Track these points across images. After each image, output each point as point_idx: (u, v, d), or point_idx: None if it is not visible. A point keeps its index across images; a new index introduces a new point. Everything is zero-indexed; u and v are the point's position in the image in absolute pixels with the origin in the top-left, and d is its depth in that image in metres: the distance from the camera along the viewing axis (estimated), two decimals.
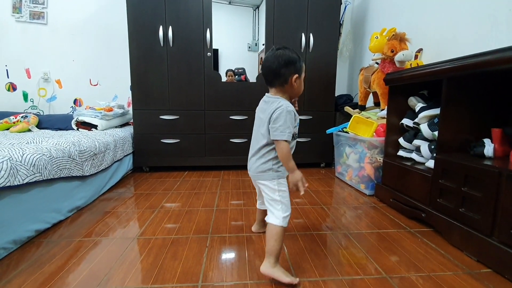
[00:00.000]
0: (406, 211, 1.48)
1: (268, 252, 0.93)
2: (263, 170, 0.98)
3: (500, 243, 0.98)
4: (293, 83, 0.96)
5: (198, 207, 1.57)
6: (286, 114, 0.91)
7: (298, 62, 0.96)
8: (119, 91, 2.76)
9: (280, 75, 0.96)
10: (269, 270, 0.92)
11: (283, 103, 0.94)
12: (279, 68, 0.95)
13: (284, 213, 0.95)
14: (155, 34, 2.19)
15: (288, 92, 1.00)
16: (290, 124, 0.91)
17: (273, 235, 0.93)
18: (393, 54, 1.70)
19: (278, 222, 0.93)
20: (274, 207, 0.96)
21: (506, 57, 0.96)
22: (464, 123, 1.29)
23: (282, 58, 0.94)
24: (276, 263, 0.92)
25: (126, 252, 1.09)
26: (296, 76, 0.96)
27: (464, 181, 1.13)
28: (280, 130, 0.91)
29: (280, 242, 0.93)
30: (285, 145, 0.91)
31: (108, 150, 1.87)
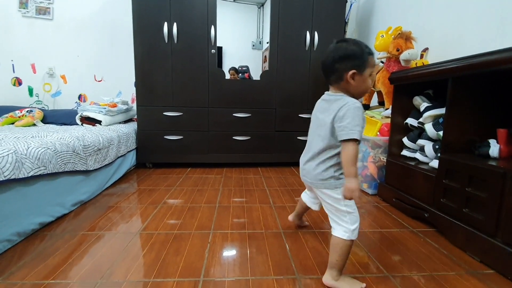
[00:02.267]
0: (409, 210, 1.47)
1: (330, 265, 0.88)
2: (324, 178, 0.89)
3: (504, 244, 0.97)
4: (350, 80, 0.84)
5: (201, 204, 1.58)
6: (354, 110, 0.81)
7: (358, 56, 0.83)
8: (123, 87, 2.77)
9: (334, 71, 0.86)
10: (331, 282, 0.87)
11: (349, 100, 0.84)
12: (333, 63, 0.85)
13: (353, 225, 0.85)
14: (159, 31, 2.19)
15: (347, 90, 0.88)
16: (360, 122, 0.81)
17: (338, 250, 0.86)
18: (399, 53, 1.69)
19: (347, 236, 0.84)
20: (341, 219, 0.87)
21: None
22: (469, 123, 1.28)
23: (338, 52, 0.85)
24: (338, 276, 0.87)
25: (128, 247, 1.10)
26: (353, 72, 0.83)
27: (469, 181, 1.12)
28: (349, 128, 0.80)
29: (345, 257, 0.86)
30: (353, 145, 0.80)
31: (112, 146, 1.88)
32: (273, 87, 2.40)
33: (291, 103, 2.44)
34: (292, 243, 1.16)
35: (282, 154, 2.49)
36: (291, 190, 1.87)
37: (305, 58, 2.40)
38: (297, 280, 0.92)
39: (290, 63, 2.39)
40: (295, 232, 1.26)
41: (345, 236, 0.85)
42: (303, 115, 2.46)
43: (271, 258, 1.04)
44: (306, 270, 0.98)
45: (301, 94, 2.44)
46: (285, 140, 2.48)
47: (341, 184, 0.87)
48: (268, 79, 2.39)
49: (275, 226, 1.32)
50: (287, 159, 2.51)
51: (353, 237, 0.85)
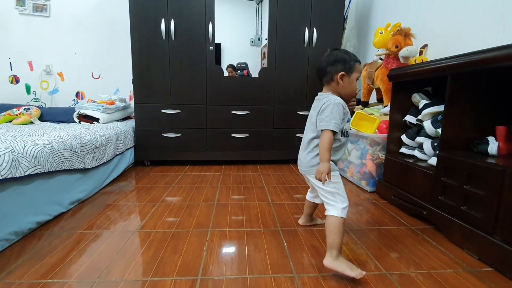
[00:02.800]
0: (407, 208, 1.47)
1: (329, 246, 0.94)
2: (313, 164, 1.02)
3: (502, 241, 0.97)
4: (339, 81, 1.00)
5: (199, 202, 1.58)
6: (333, 106, 0.95)
7: (347, 61, 0.99)
8: (121, 84, 2.75)
9: (327, 73, 1.01)
10: (332, 263, 0.92)
11: (332, 97, 0.99)
12: (326, 66, 1.01)
13: (343, 204, 0.96)
14: (157, 27, 2.17)
15: (337, 91, 1.03)
16: (337, 115, 0.95)
17: (333, 228, 0.94)
18: (398, 49, 1.68)
19: (338, 214, 0.94)
20: (332, 200, 0.98)
21: None
22: (468, 121, 1.27)
23: (331, 57, 1.00)
24: (338, 256, 0.93)
25: (126, 245, 1.10)
26: (342, 74, 0.99)
27: (467, 179, 1.12)
28: (326, 120, 0.95)
29: (341, 235, 0.93)
30: (328, 134, 0.94)
31: (110, 144, 1.88)
32: (272, 84, 2.39)
33: (290, 100, 2.43)
34: (290, 241, 1.16)
35: (280, 152, 2.49)
36: (290, 187, 1.87)
37: (304, 55, 2.38)
38: (294, 278, 0.92)
39: (289, 60, 2.37)
40: (293, 230, 1.26)
41: (336, 214, 0.95)
42: (301, 112, 2.46)
43: (269, 256, 1.04)
44: (304, 268, 0.98)
45: (300, 91, 2.43)
46: (284, 137, 2.47)
47: None
48: (266, 76, 2.38)
49: (273, 224, 1.32)
50: (286, 156, 2.50)
51: (343, 215, 0.95)
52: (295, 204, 1.57)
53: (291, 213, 1.45)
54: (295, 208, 1.51)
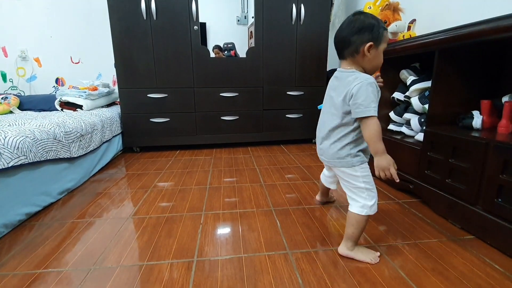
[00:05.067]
0: (394, 183, 1.52)
1: (346, 236, 0.91)
2: (340, 156, 0.89)
3: (484, 211, 1.02)
4: (366, 53, 0.83)
5: (191, 186, 1.58)
6: (367, 86, 0.80)
7: (376, 28, 0.82)
8: (103, 69, 2.64)
9: (351, 43, 0.84)
10: (346, 252, 0.92)
11: (361, 76, 0.83)
12: (350, 35, 0.83)
13: (371, 200, 0.87)
14: (137, 6, 2.06)
15: (361, 65, 0.87)
16: (374, 97, 0.80)
17: (354, 223, 0.88)
18: (386, 25, 1.65)
19: (365, 212, 0.87)
20: (359, 195, 0.89)
21: (502, 26, 0.94)
22: (455, 96, 1.29)
23: (355, 24, 0.83)
24: (353, 246, 0.91)
25: (120, 232, 1.10)
26: (370, 45, 0.82)
27: (452, 153, 1.15)
28: (364, 105, 0.79)
29: (361, 230, 0.89)
30: (373, 122, 0.80)
31: (96, 131, 1.82)
32: (260, 64, 2.34)
33: (279, 80, 2.40)
34: (283, 220, 1.19)
35: (271, 133, 2.49)
36: (281, 168, 1.89)
37: (292, 33, 2.32)
38: (288, 255, 0.95)
39: (277, 39, 2.31)
40: (286, 210, 1.28)
41: (363, 212, 0.87)
42: (291, 92, 2.43)
43: (263, 235, 1.07)
44: (297, 245, 1.01)
45: (289, 70, 2.40)
46: (274, 119, 2.46)
47: (359, 162, 0.88)
48: (254, 56, 2.32)
49: (266, 204, 1.34)
50: (277, 137, 2.51)
51: (371, 213, 0.87)
52: (287, 184, 1.60)
53: (283, 193, 1.47)
54: (287, 188, 1.53)
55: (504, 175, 0.95)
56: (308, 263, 0.90)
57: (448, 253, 0.95)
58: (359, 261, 0.90)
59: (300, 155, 2.22)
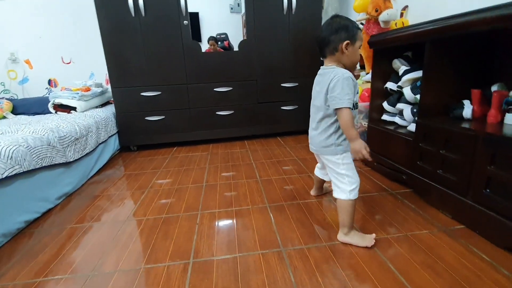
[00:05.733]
0: (389, 174, 1.53)
1: (340, 224, 1.01)
2: (326, 145, 1.00)
3: (474, 202, 1.03)
4: (344, 50, 0.93)
5: (188, 184, 1.59)
6: (343, 80, 0.90)
7: (351, 28, 0.92)
8: (96, 68, 2.61)
9: (330, 42, 0.94)
10: (343, 238, 1.00)
11: (339, 71, 0.93)
12: (329, 35, 0.94)
13: (351, 186, 0.97)
14: (124, 3, 2.02)
15: (341, 61, 0.97)
16: (349, 90, 0.90)
17: (342, 209, 0.98)
18: (378, 13, 1.63)
19: (346, 197, 0.96)
20: (340, 181, 0.98)
21: (489, 17, 0.93)
22: (446, 86, 1.28)
23: (333, 25, 0.93)
24: (349, 232, 0.99)
25: (118, 235, 1.12)
26: (347, 43, 0.92)
27: (444, 144, 1.15)
28: (339, 98, 0.90)
29: (350, 214, 0.97)
30: (346, 112, 0.91)
31: (91, 133, 1.83)
32: (253, 57, 2.31)
33: (272, 73, 2.38)
34: (277, 216, 1.21)
35: (267, 126, 2.49)
36: (277, 161, 1.90)
37: (284, 24, 2.28)
38: (282, 252, 0.97)
39: (269, 30, 2.27)
40: (281, 206, 1.30)
41: (343, 197, 0.97)
42: (285, 84, 2.41)
43: (257, 233, 1.09)
44: (291, 242, 1.03)
45: (282, 62, 2.37)
46: (269, 111, 2.45)
47: (341, 151, 0.98)
48: (246, 49, 2.29)
49: (261, 200, 1.36)
50: (273, 130, 2.51)
51: (352, 197, 0.96)
52: (282, 178, 1.61)
53: (279, 188, 1.49)
54: (283, 183, 1.55)
55: (492, 167, 0.96)
56: (301, 260, 0.93)
57: (438, 245, 0.97)
58: (356, 245, 0.98)
59: (297, 147, 2.23)
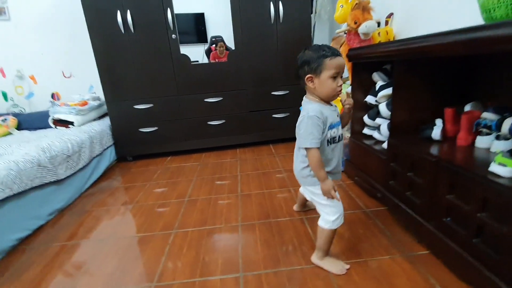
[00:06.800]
0: (367, 189, 1.52)
1: (317, 247, 1.02)
2: (303, 176, 1.00)
3: (435, 228, 1.02)
4: (309, 84, 0.93)
5: (171, 199, 1.66)
6: (307, 120, 0.89)
7: (312, 61, 0.89)
8: (94, 81, 2.70)
9: (299, 77, 0.96)
10: (317, 262, 1.03)
11: (307, 108, 0.93)
12: (297, 69, 0.96)
13: (333, 216, 0.96)
14: (114, 21, 2.09)
15: (314, 93, 0.95)
16: (313, 129, 0.89)
17: (322, 235, 1.00)
18: (357, 25, 1.59)
19: (328, 226, 0.97)
20: (322, 211, 1.00)
21: (446, 43, 0.90)
22: (418, 104, 1.26)
23: (299, 60, 0.94)
24: (323, 256, 1.02)
25: (95, 255, 1.21)
26: (309, 77, 0.91)
27: (410, 166, 1.14)
28: (303, 137, 0.90)
29: (329, 241, 1.00)
30: (311, 153, 0.90)
31: (84, 149, 1.93)
32: (242, 67, 2.32)
33: (262, 81, 2.38)
34: (246, 237, 1.25)
35: (259, 134, 2.51)
36: (262, 173, 1.93)
37: (272, 32, 2.28)
38: (239, 278, 1.01)
39: (257, 40, 2.28)
40: (252, 225, 1.34)
41: (326, 226, 0.98)
42: (275, 92, 2.42)
43: (222, 256, 1.13)
44: (251, 265, 1.06)
45: (272, 71, 2.37)
46: (261, 120, 2.47)
47: (318, 181, 0.95)
48: (235, 59, 2.31)
49: (235, 219, 1.40)
50: (265, 137, 2.53)
51: (334, 227, 0.97)
52: (262, 194, 1.64)
53: (256, 204, 1.52)
54: (261, 199, 1.58)
55: (451, 195, 0.94)
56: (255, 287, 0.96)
57: (396, 273, 0.98)
58: (329, 271, 1.00)
59: (286, 156, 2.25)
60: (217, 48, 2.63)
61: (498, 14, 0.82)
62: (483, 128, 1.06)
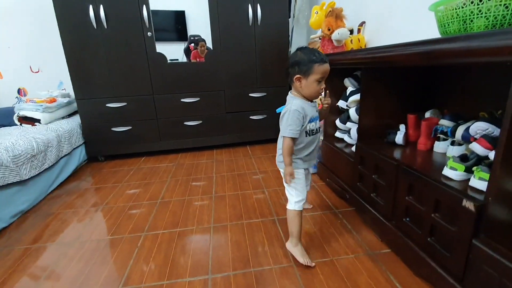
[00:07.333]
0: (337, 191, 1.58)
1: (290, 234, 1.11)
2: (280, 160, 1.10)
3: (396, 228, 1.08)
4: (297, 83, 1.01)
5: (143, 201, 1.63)
6: (289, 113, 1.00)
7: (304, 64, 0.96)
8: (64, 76, 2.59)
9: (288, 74, 1.03)
10: (290, 248, 1.12)
11: (291, 102, 1.02)
12: (288, 67, 1.03)
13: (297, 198, 1.07)
14: (86, 15, 2.01)
15: (299, 92, 1.03)
16: (293, 122, 0.99)
17: (290, 219, 1.10)
18: (330, 32, 1.65)
19: (292, 207, 1.08)
20: (289, 193, 1.09)
21: (408, 53, 0.95)
22: (384, 110, 1.32)
23: (291, 59, 1.00)
24: (297, 243, 1.10)
25: (59, 259, 1.16)
26: (298, 77, 0.99)
27: (375, 169, 1.20)
28: (283, 127, 1.01)
29: (297, 224, 1.08)
30: (286, 141, 1.01)
31: (51, 148, 1.85)
32: (219, 68, 2.32)
33: (240, 83, 2.39)
34: (217, 239, 1.25)
35: (236, 135, 2.52)
36: (238, 175, 1.94)
37: (250, 34, 2.29)
38: (208, 280, 1.01)
39: (235, 41, 2.28)
40: (224, 226, 1.34)
41: (290, 207, 1.08)
42: (253, 94, 2.44)
43: (192, 258, 1.13)
44: (220, 267, 1.07)
45: (250, 73, 2.38)
46: (238, 121, 2.48)
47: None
48: (213, 60, 2.30)
49: (208, 220, 1.40)
50: (242, 139, 2.54)
51: (297, 208, 1.07)
52: (236, 195, 1.65)
53: (229, 206, 1.53)
54: (235, 200, 1.59)
55: (409, 197, 1.00)
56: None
57: (358, 271, 1.02)
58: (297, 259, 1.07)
59: (262, 157, 2.27)
60: (197, 48, 2.60)
61: (452, 28, 0.89)
62: (440, 134, 1.14)
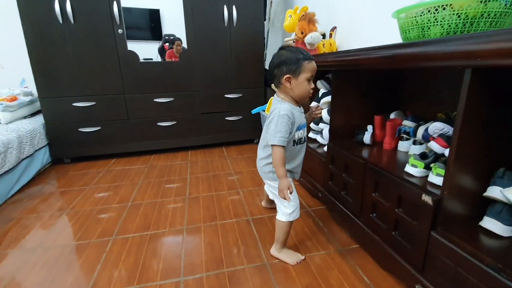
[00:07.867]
0: (310, 190, 1.62)
1: (275, 239, 1.09)
2: (265, 171, 1.06)
3: (364, 224, 1.13)
4: (286, 84, 0.95)
5: (112, 204, 1.56)
6: (278, 118, 0.93)
7: (292, 62, 0.92)
8: (27, 74, 2.42)
9: (274, 76, 0.97)
10: (275, 253, 1.10)
11: (279, 107, 0.95)
12: (272, 69, 0.96)
13: (290, 209, 1.04)
14: (50, 10, 1.90)
15: (288, 93, 0.98)
16: (282, 128, 0.92)
17: (279, 228, 1.06)
18: (303, 35, 1.69)
19: (285, 219, 1.04)
20: (281, 204, 1.05)
21: (371, 57, 1.00)
22: (353, 112, 1.38)
23: (276, 59, 0.95)
24: (282, 248, 1.09)
25: (22, 267, 1.08)
26: (287, 77, 0.94)
27: (344, 168, 1.24)
28: (272, 134, 0.93)
29: (285, 233, 1.07)
30: (276, 150, 0.93)
31: (11, 149, 1.72)
32: (194, 68, 2.29)
33: (215, 83, 2.38)
34: (190, 241, 1.23)
35: (211, 136, 2.49)
36: (212, 176, 1.92)
37: (226, 35, 2.29)
38: (180, 282, 1.00)
39: (210, 41, 2.27)
40: (198, 227, 1.33)
41: (283, 218, 1.05)
42: (229, 95, 2.43)
43: (163, 261, 1.10)
44: (193, 269, 1.06)
45: (225, 73, 2.38)
46: (213, 122, 2.46)
47: None
48: (187, 60, 2.27)
49: (181, 222, 1.37)
50: (218, 140, 2.52)
51: (291, 219, 1.05)
52: (211, 196, 1.64)
53: (203, 207, 1.51)
54: (209, 201, 1.57)
55: (376, 194, 1.05)
56: None
57: (328, 266, 1.06)
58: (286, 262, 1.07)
59: (238, 158, 2.27)
60: (173, 47, 2.55)
61: (412, 35, 0.95)
62: (403, 134, 1.21)
